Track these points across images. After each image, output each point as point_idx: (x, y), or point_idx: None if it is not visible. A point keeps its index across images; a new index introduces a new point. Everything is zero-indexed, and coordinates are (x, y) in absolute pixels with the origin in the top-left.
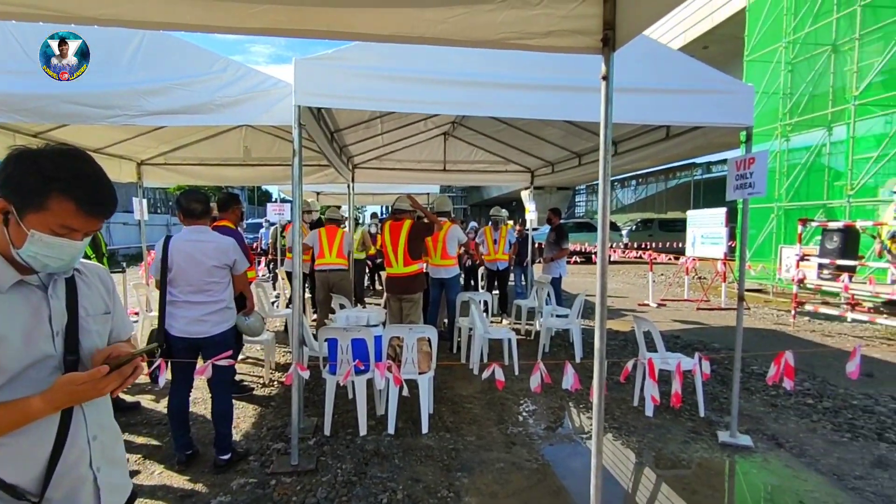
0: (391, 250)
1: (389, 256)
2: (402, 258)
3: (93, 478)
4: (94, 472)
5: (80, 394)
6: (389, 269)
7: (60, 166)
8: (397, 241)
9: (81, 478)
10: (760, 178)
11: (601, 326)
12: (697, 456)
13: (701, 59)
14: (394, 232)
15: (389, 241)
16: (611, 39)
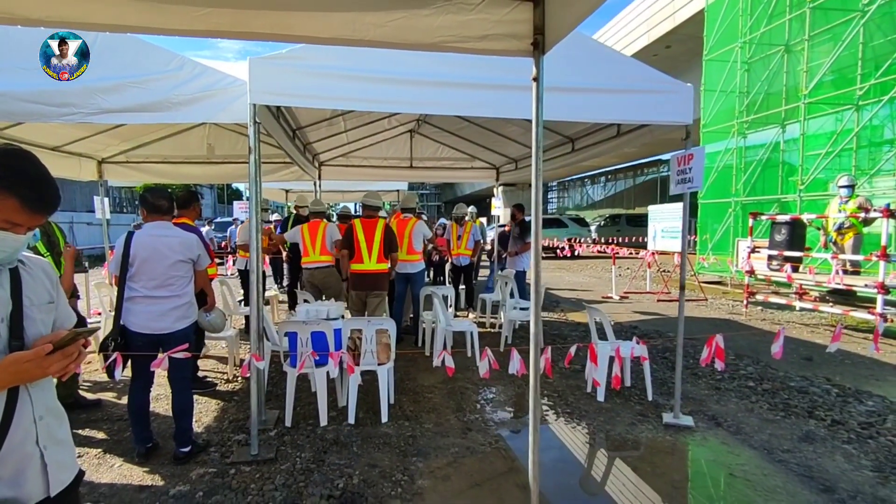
0: (364, 246)
1: (362, 252)
2: (375, 255)
3: (39, 455)
4: (40, 449)
5: (26, 372)
6: (358, 265)
7: (4, 166)
8: (372, 238)
9: (28, 455)
10: (698, 174)
11: (536, 313)
12: (642, 436)
13: (664, 57)
14: (367, 229)
15: (363, 237)
16: (540, 43)
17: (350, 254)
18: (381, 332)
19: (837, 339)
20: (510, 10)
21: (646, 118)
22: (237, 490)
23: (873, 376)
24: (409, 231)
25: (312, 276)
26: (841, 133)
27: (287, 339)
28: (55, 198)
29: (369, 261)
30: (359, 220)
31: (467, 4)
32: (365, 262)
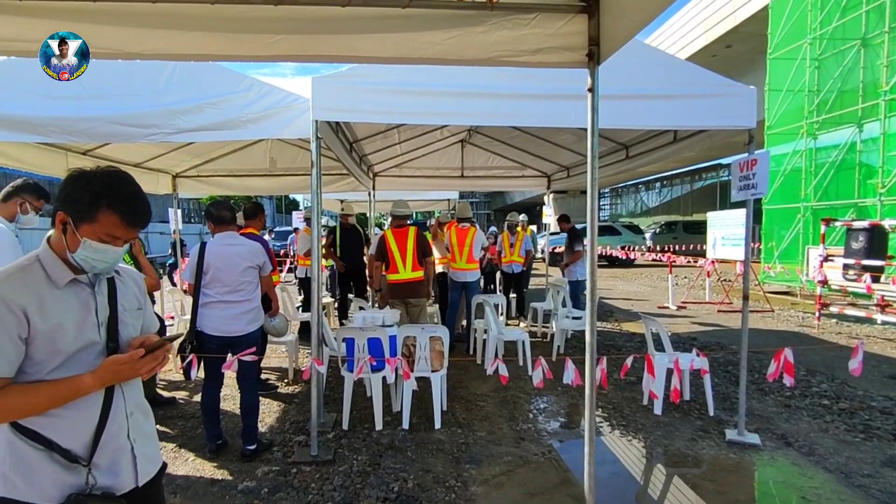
0: (398, 256)
1: (396, 262)
2: (410, 264)
3: (130, 448)
4: (131, 442)
5: (122, 372)
6: (394, 274)
7: (108, 186)
8: (405, 248)
9: (121, 447)
10: (762, 179)
11: (591, 322)
12: (704, 453)
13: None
14: (399, 238)
15: (396, 247)
16: (595, 54)
17: (385, 265)
18: (435, 340)
19: None
20: (564, 23)
21: (705, 123)
22: (298, 489)
23: None
24: (471, 240)
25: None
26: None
27: (345, 344)
28: (148, 213)
29: (404, 269)
30: (390, 231)
31: (522, 20)
32: (400, 271)
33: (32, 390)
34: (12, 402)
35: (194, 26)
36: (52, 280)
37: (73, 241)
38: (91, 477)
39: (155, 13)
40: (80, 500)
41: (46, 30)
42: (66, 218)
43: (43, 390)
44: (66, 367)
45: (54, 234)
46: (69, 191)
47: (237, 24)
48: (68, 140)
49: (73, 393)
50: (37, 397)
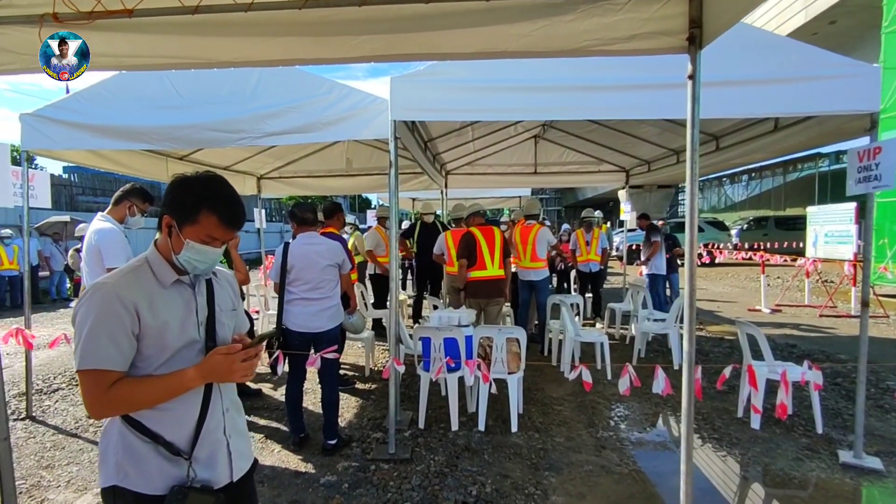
0: (487, 252)
1: (485, 258)
2: (497, 261)
3: (226, 443)
4: (227, 438)
5: (221, 366)
6: (481, 271)
7: (208, 190)
8: (493, 244)
9: (218, 441)
10: (889, 170)
11: (690, 329)
12: (811, 475)
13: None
14: (487, 235)
15: (485, 243)
16: (697, 37)
17: (471, 261)
18: (511, 341)
19: None
20: (661, 6)
21: (817, 108)
22: (378, 486)
23: None
24: (533, 238)
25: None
26: None
27: (421, 343)
28: (243, 214)
29: (492, 266)
30: (477, 229)
31: (613, 5)
32: (489, 268)
33: (144, 383)
34: (126, 394)
35: (283, 32)
36: (159, 280)
37: (177, 243)
38: (192, 470)
39: (247, 22)
40: (183, 492)
41: (153, 44)
42: (171, 221)
43: (153, 384)
44: (170, 364)
45: (160, 237)
46: (174, 196)
47: (323, 27)
48: (169, 147)
49: (180, 386)
50: (148, 390)
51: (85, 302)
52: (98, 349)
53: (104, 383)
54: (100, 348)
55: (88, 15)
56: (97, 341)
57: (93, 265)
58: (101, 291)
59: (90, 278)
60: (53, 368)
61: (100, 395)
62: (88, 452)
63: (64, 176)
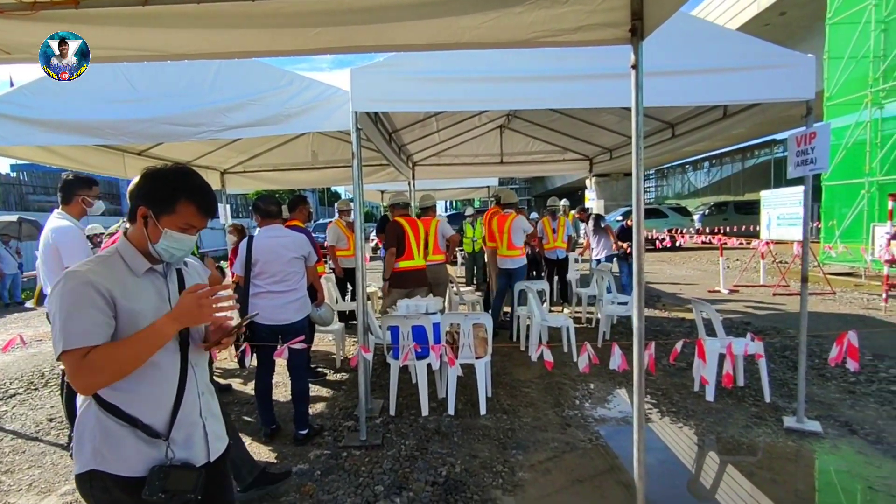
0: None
1: (412, 249)
2: (422, 251)
3: (202, 425)
4: (202, 420)
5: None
6: (408, 261)
7: (184, 181)
8: (419, 235)
9: (194, 423)
10: (823, 154)
11: (638, 306)
12: (759, 440)
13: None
14: (413, 226)
15: (412, 234)
16: (639, 29)
17: (399, 251)
18: (478, 327)
19: None
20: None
21: (758, 97)
22: (350, 471)
23: None
24: (509, 226)
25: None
26: None
27: (389, 332)
28: (216, 203)
29: (419, 256)
30: (404, 220)
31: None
32: (415, 258)
33: (117, 344)
34: (106, 357)
35: (237, 24)
36: (131, 269)
37: (154, 232)
38: (170, 450)
39: (200, 14)
40: (164, 471)
41: (102, 36)
42: (147, 212)
43: (126, 342)
44: None
45: (132, 228)
46: (149, 187)
47: (277, 19)
48: (125, 141)
49: (155, 335)
50: (122, 349)
51: (59, 288)
52: (78, 328)
53: (81, 356)
54: (80, 327)
55: (31, 6)
56: (76, 321)
57: (51, 264)
58: (74, 278)
59: (49, 279)
60: (9, 373)
61: (80, 364)
62: (51, 455)
63: (12, 174)
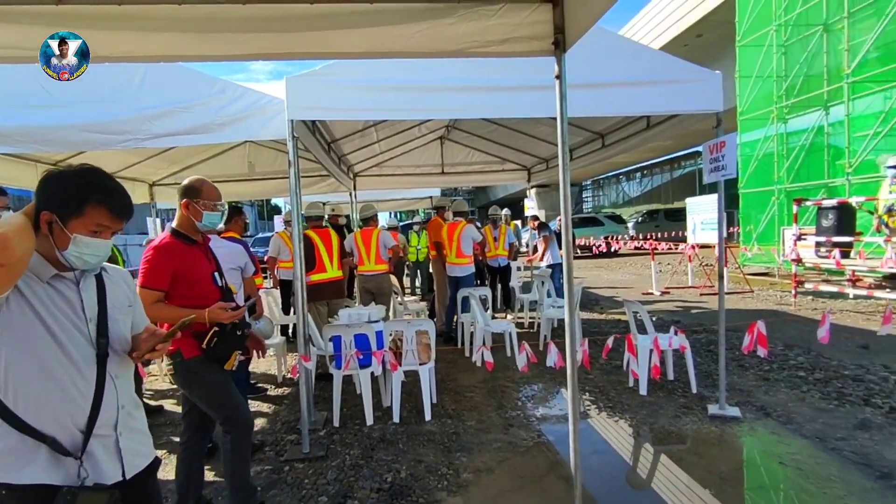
0: (325, 255)
1: (324, 261)
2: (335, 262)
3: (115, 439)
4: (116, 434)
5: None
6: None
7: (92, 181)
8: (330, 247)
9: (108, 437)
10: (731, 161)
11: (570, 305)
12: (687, 428)
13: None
14: (324, 238)
15: (323, 247)
16: (561, 42)
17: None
18: (421, 333)
19: (888, 321)
20: (530, 13)
21: (674, 108)
22: (292, 485)
23: None
24: (459, 234)
25: (367, 283)
26: (889, 111)
27: (332, 343)
28: (131, 204)
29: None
30: (314, 232)
31: (488, 11)
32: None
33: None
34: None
35: (163, 27)
36: (35, 275)
37: (62, 238)
38: (83, 469)
39: (122, 16)
40: (72, 493)
41: (13, 35)
42: (51, 217)
43: None
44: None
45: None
46: (52, 190)
47: (206, 23)
48: (39, 150)
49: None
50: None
51: None
52: None
53: None
54: None
55: None
56: None
57: None
58: None
59: None
60: None
61: None
62: None
63: None
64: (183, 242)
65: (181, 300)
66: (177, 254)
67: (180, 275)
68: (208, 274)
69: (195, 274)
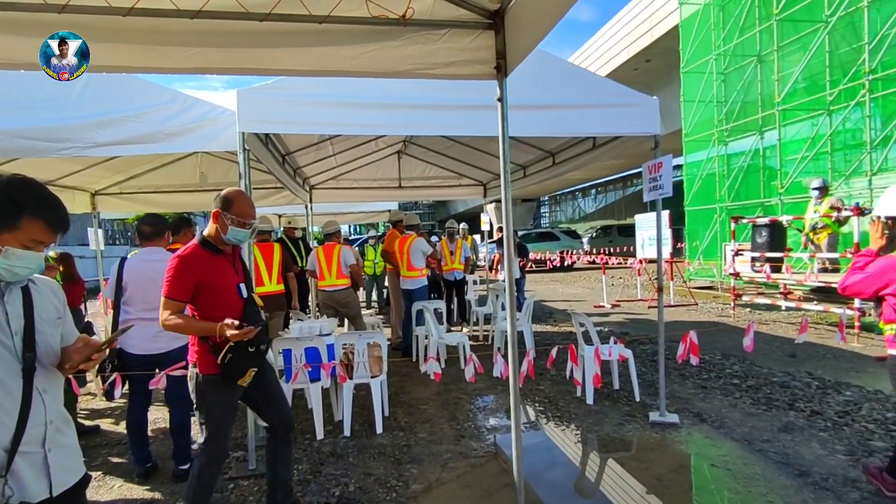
0: (264, 269)
1: (262, 275)
2: (275, 276)
3: (44, 455)
4: (45, 451)
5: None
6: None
7: (26, 194)
8: (271, 261)
9: (35, 454)
10: (668, 181)
11: (511, 313)
12: (629, 435)
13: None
14: (265, 252)
15: (262, 261)
16: (503, 66)
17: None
18: (373, 346)
19: (804, 330)
20: (473, 39)
21: (615, 130)
22: (236, 503)
23: (853, 368)
24: (409, 248)
25: (331, 298)
26: (815, 137)
27: (282, 355)
28: (68, 217)
29: (330, 277)
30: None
31: (433, 35)
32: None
33: None
34: None
35: (107, 38)
36: None
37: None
38: (8, 488)
39: (62, 24)
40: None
41: None
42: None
43: None
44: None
45: None
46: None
47: (153, 35)
48: None
49: None
50: None
51: None
52: None
53: None
54: None
55: None
56: None
57: None
58: None
59: None
60: None
61: None
62: None
63: None
64: (209, 252)
65: (205, 311)
66: (200, 264)
67: (204, 285)
68: (234, 285)
69: (220, 284)
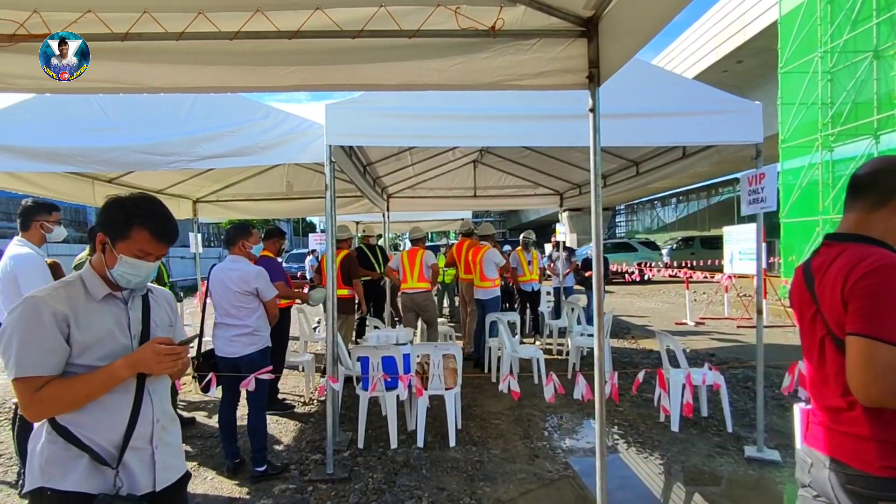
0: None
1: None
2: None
3: (151, 452)
4: (152, 448)
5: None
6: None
7: (139, 207)
8: (414, 263)
9: (144, 450)
10: (772, 193)
11: (599, 336)
12: (721, 469)
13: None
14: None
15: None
16: (595, 76)
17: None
18: (448, 357)
19: None
20: (564, 48)
21: (711, 139)
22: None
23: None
24: (481, 258)
25: (411, 300)
26: None
27: (359, 363)
28: (175, 231)
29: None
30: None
31: (523, 45)
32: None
33: (73, 382)
34: (55, 394)
35: (215, 61)
36: (90, 293)
37: (111, 258)
38: (119, 479)
39: (179, 50)
40: (108, 501)
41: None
42: (104, 238)
43: (82, 381)
44: None
45: (96, 255)
46: (106, 214)
47: (254, 57)
48: (95, 169)
49: (109, 377)
50: (76, 387)
51: (16, 312)
52: (31, 356)
53: (35, 387)
54: (33, 355)
55: (10, 38)
56: (29, 348)
57: (9, 293)
58: (31, 302)
59: (5, 306)
60: None
61: (32, 397)
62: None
63: None
64: None
65: None
66: None
67: None
68: None
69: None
